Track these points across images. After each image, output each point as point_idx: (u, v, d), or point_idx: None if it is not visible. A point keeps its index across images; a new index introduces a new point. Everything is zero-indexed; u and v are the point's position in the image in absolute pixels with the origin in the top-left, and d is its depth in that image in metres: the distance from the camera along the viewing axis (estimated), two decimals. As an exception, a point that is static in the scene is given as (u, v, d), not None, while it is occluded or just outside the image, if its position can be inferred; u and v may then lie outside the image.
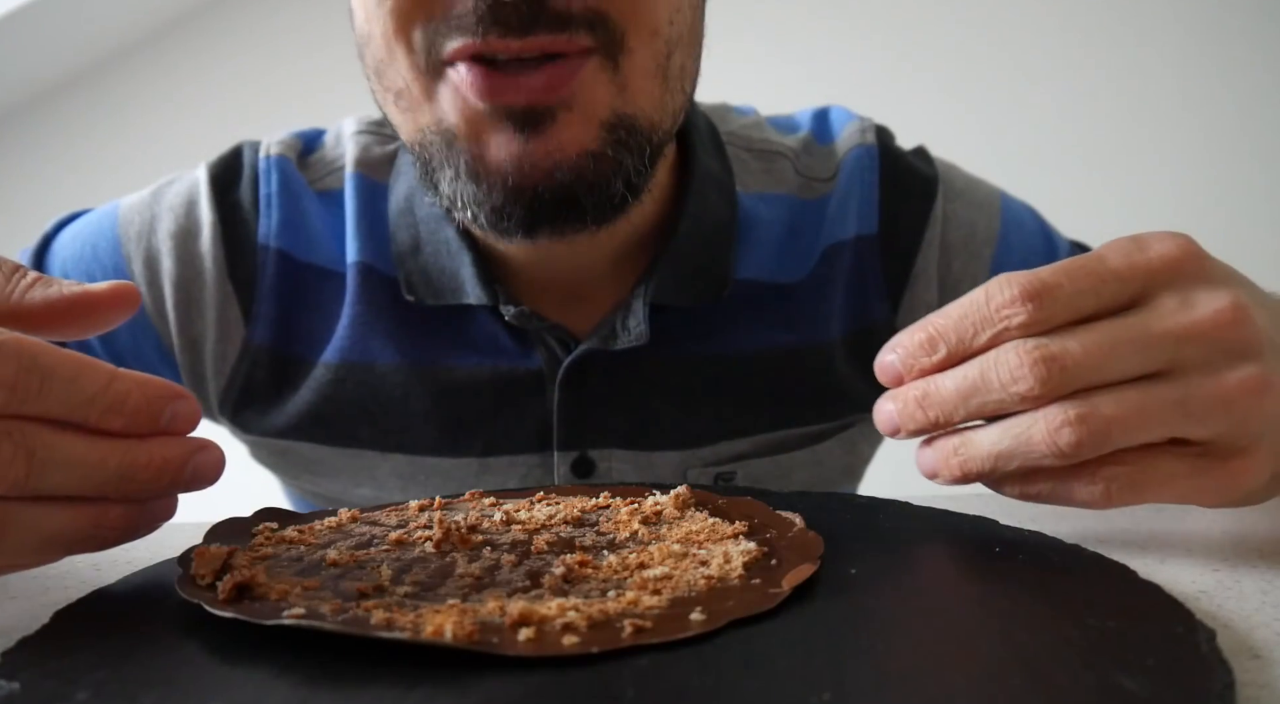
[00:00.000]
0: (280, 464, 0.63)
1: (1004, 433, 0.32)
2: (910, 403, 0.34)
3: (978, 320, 0.32)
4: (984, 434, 0.33)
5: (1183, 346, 0.31)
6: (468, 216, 0.48)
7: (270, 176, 0.59)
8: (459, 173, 0.47)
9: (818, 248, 0.60)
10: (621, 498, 0.40)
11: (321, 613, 0.27)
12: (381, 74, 0.48)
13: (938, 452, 0.34)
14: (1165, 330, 0.31)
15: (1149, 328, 0.31)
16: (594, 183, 0.46)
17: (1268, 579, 0.33)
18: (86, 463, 0.29)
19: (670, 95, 0.49)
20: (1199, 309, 0.31)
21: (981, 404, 0.32)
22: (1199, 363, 0.31)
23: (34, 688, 0.25)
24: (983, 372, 0.32)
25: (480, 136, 0.46)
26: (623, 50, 0.45)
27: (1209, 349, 0.31)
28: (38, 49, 1.95)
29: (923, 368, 0.34)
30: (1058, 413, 0.31)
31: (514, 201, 0.46)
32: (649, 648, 0.25)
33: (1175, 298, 0.32)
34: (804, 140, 0.63)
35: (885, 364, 0.35)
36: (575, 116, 0.45)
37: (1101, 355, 0.31)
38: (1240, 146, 1.84)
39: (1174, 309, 0.32)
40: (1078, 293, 0.32)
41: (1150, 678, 0.23)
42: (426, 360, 0.58)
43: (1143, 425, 0.31)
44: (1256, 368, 0.31)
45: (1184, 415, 0.31)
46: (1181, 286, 0.32)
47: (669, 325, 0.56)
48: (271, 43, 2.09)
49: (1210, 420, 0.32)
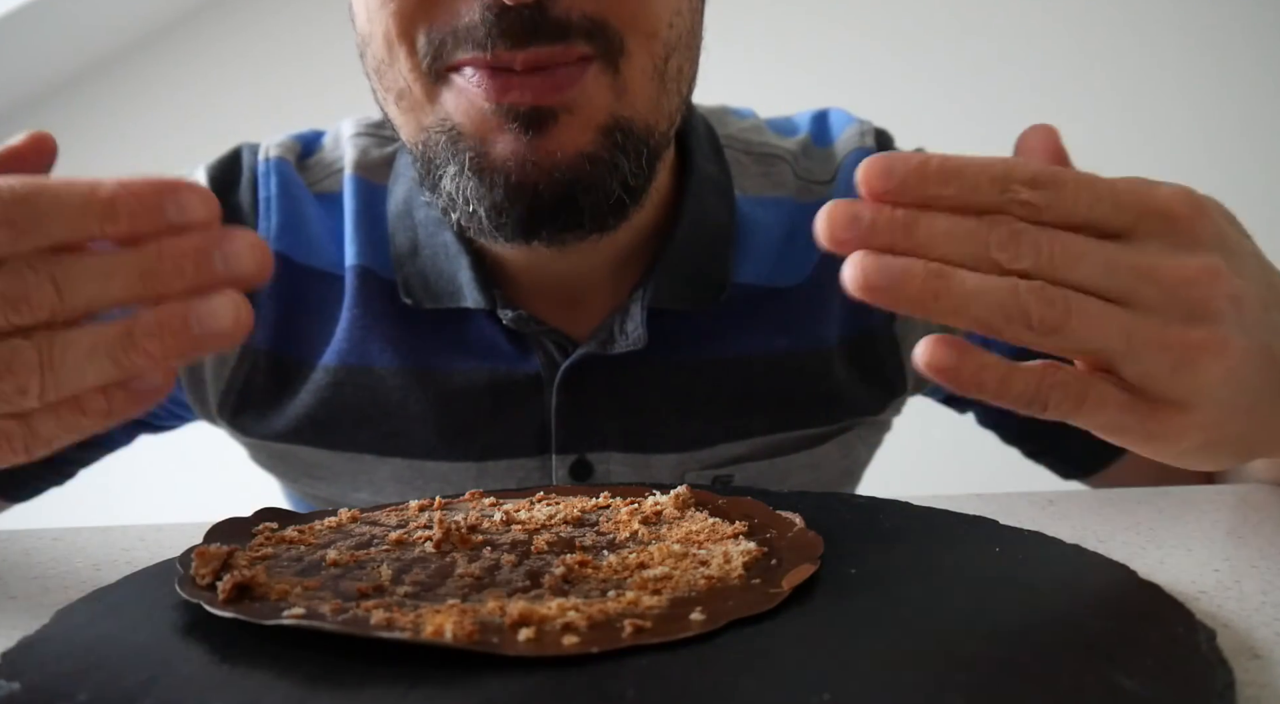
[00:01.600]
0: (279, 467, 0.63)
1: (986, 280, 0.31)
2: (894, 220, 0.31)
3: (991, 178, 0.31)
4: (967, 274, 0.31)
5: (1143, 285, 0.32)
6: (468, 213, 0.48)
7: (269, 179, 0.59)
8: (462, 169, 0.47)
9: (816, 252, 0.60)
10: (621, 498, 0.40)
11: (321, 613, 0.27)
12: (382, 74, 0.48)
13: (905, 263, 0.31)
14: (1132, 264, 0.32)
15: (1119, 256, 0.32)
16: (591, 185, 0.47)
17: (1268, 579, 0.33)
18: (106, 269, 0.28)
19: (667, 97, 0.49)
20: (1173, 259, 0.32)
21: (964, 254, 0.31)
22: (1153, 305, 0.32)
23: (34, 688, 0.25)
24: (979, 227, 0.31)
25: (486, 136, 0.46)
26: (622, 54, 0.46)
27: (1166, 297, 0.32)
28: (38, 49, 1.95)
29: (922, 191, 0.31)
30: (1037, 287, 0.31)
31: (514, 199, 0.47)
32: (649, 648, 0.25)
33: (1158, 243, 0.32)
34: (803, 143, 0.63)
35: (881, 168, 0.31)
36: (575, 119, 0.46)
37: (1074, 260, 0.31)
38: (1240, 146, 1.84)
39: (1151, 250, 0.32)
40: (1077, 200, 0.32)
41: (1150, 678, 0.23)
42: (424, 364, 0.57)
43: (1090, 333, 0.31)
44: (1214, 331, 0.32)
45: (1124, 343, 0.32)
46: (1171, 237, 0.32)
47: (667, 329, 0.56)
48: (271, 43, 2.09)
49: (1148, 360, 0.32)
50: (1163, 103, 1.87)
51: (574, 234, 0.49)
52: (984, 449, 0.74)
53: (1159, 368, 0.32)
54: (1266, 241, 0.36)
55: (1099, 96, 1.89)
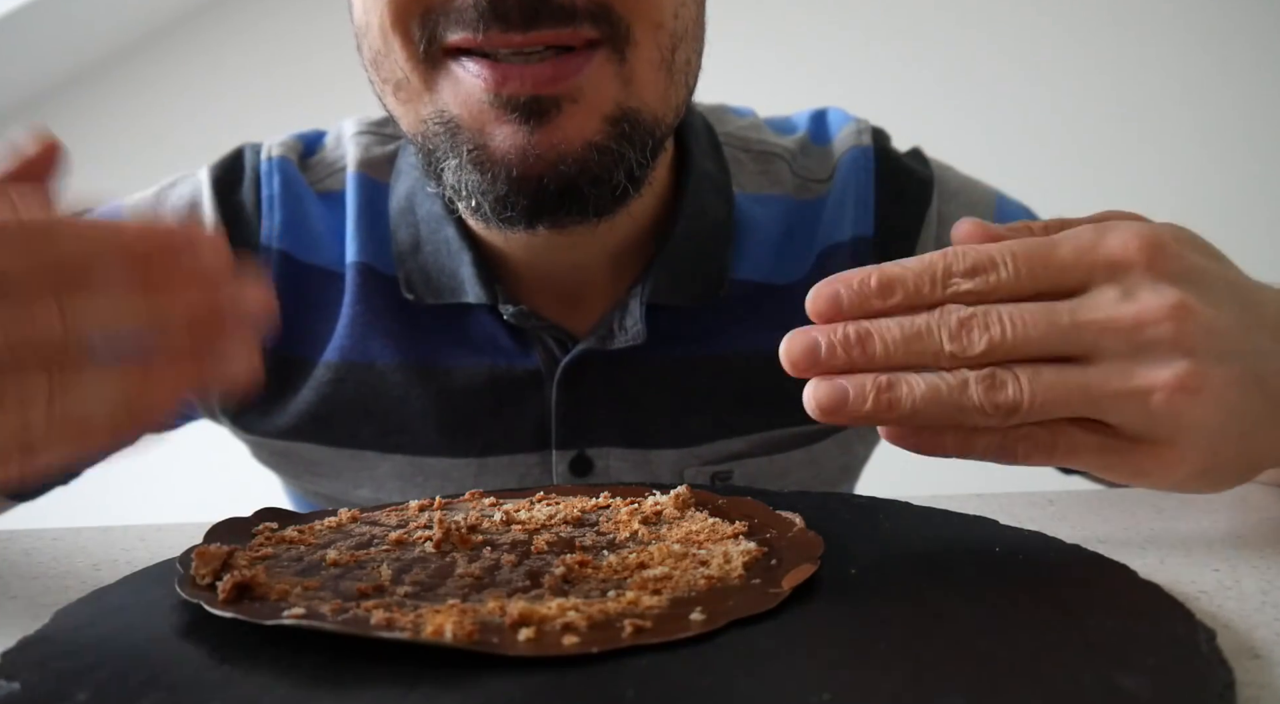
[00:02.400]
0: (281, 464, 0.63)
1: (935, 382, 0.33)
2: (848, 339, 0.33)
3: (932, 279, 0.33)
4: (915, 379, 0.33)
5: (1102, 337, 0.32)
6: (471, 206, 0.48)
7: (272, 178, 0.59)
8: (462, 162, 0.47)
9: (814, 249, 0.60)
10: (621, 498, 0.40)
11: (321, 613, 0.27)
12: (379, 66, 0.48)
13: (857, 384, 0.33)
14: (1089, 321, 0.32)
15: (1074, 316, 0.32)
16: (597, 175, 0.47)
17: (1268, 579, 0.33)
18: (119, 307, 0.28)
19: (674, 89, 0.49)
20: (1133, 304, 0.32)
21: (919, 354, 0.33)
22: (1115, 355, 0.32)
23: (34, 688, 0.25)
24: (928, 325, 0.33)
25: (485, 127, 0.46)
26: (629, 43, 0.46)
27: (1129, 343, 0.32)
28: (38, 49, 1.95)
29: (869, 309, 0.34)
30: (985, 376, 0.32)
31: (518, 192, 0.46)
32: (649, 648, 0.25)
33: (1116, 290, 0.33)
34: (800, 141, 0.63)
35: (827, 295, 0.34)
36: (580, 108, 0.46)
37: (1025, 332, 0.32)
38: (1240, 147, 1.84)
39: (1109, 301, 0.33)
40: (1019, 275, 0.33)
41: (1150, 678, 0.23)
42: (426, 360, 0.58)
43: (1050, 402, 0.32)
44: (1185, 367, 0.32)
45: (1088, 401, 0.32)
46: (1129, 280, 0.33)
47: (666, 325, 0.56)
48: (271, 43, 2.09)
49: (1117, 410, 0.33)
50: (1162, 102, 1.87)
51: (577, 220, 0.49)
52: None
53: (1132, 415, 0.33)
54: (1266, 241, 0.36)
55: (1099, 96, 1.89)
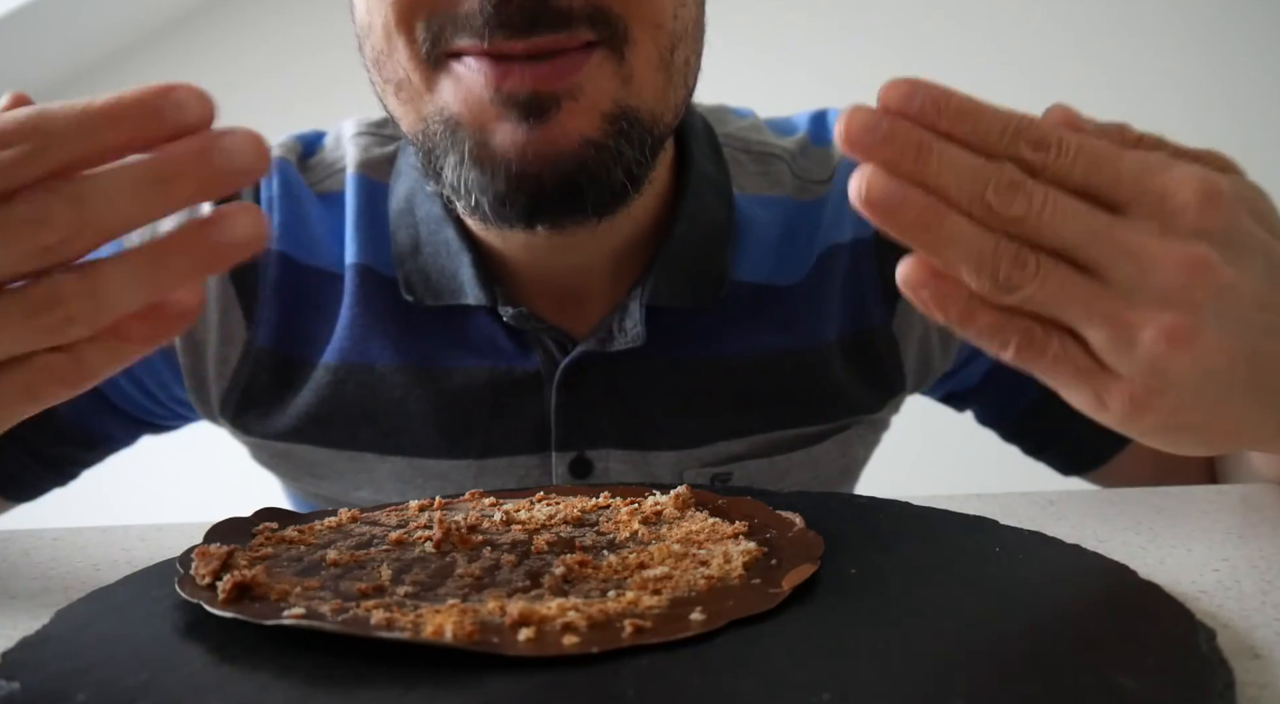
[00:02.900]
0: (281, 466, 0.63)
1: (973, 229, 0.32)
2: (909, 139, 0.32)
3: (1002, 130, 0.33)
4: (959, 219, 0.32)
5: (1121, 259, 0.32)
6: (470, 204, 0.48)
7: (270, 179, 0.59)
8: (463, 159, 0.47)
9: (814, 250, 0.60)
10: (621, 498, 0.40)
11: (321, 613, 0.27)
12: (381, 65, 0.48)
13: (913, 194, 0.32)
14: (1116, 238, 0.32)
15: (1107, 228, 0.32)
16: (595, 172, 0.47)
17: (1268, 579, 0.33)
18: (117, 181, 0.29)
19: (674, 88, 0.49)
20: (1161, 244, 0.32)
21: (964, 189, 0.32)
22: (1127, 283, 0.32)
23: (34, 688, 0.25)
24: (984, 169, 0.32)
25: (485, 125, 0.46)
26: (627, 42, 0.46)
27: (1141, 278, 0.32)
28: (38, 49, 1.95)
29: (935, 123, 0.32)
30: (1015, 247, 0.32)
31: (517, 189, 0.46)
32: (649, 648, 0.25)
33: (1154, 224, 0.32)
34: (800, 142, 0.63)
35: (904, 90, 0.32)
36: (579, 106, 0.46)
37: (1063, 222, 0.32)
38: (1241, 147, 1.84)
39: (1142, 231, 0.32)
40: (1075, 167, 0.33)
41: (1150, 678, 0.23)
42: (425, 361, 0.58)
43: (1054, 297, 0.32)
44: (1181, 318, 0.32)
45: (1086, 313, 0.32)
46: (1170, 220, 0.32)
47: (666, 327, 0.56)
48: (272, 43, 2.09)
49: (1107, 333, 0.32)
50: (1162, 102, 1.87)
51: (576, 220, 0.49)
52: (984, 449, 0.74)
53: (1115, 343, 0.32)
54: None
55: (1098, 96, 1.89)
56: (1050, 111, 0.35)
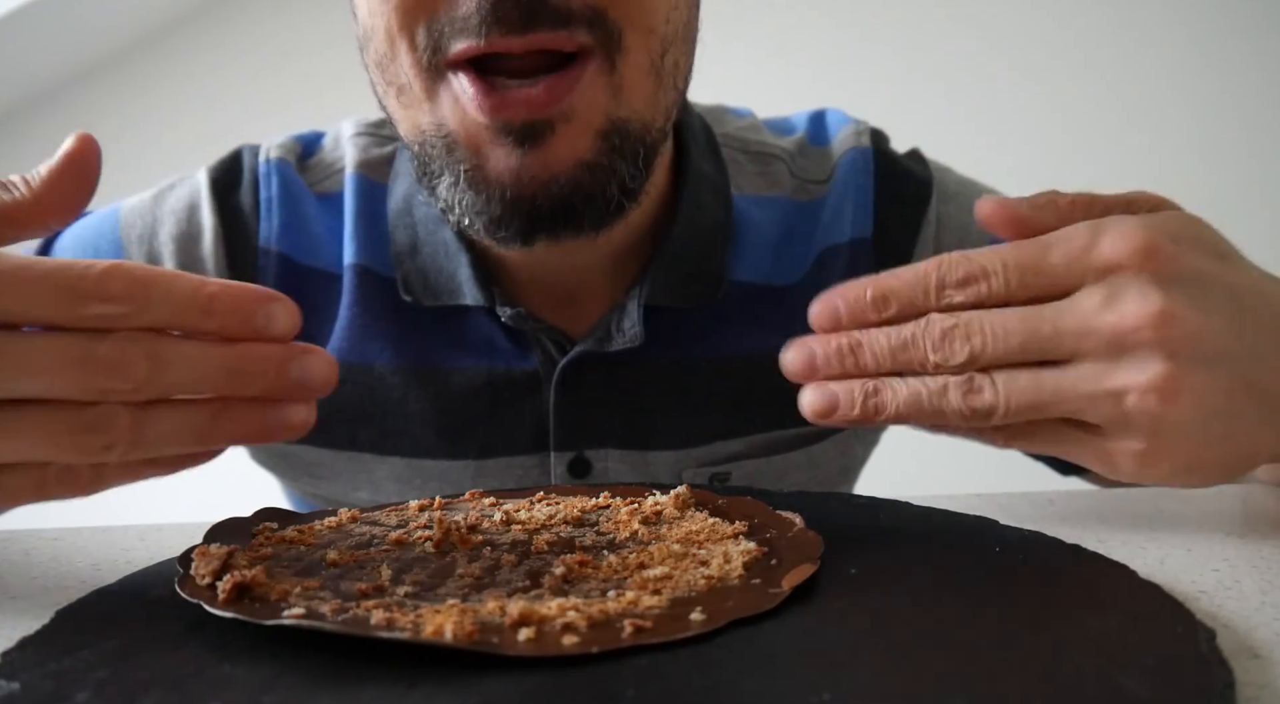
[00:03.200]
0: (279, 466, 0.63)
1: (917, 388, 0.36)
2: (841, 350, 0.37)
3: (925, 290, 0.36)
4: (899, 385, 0.36)
5: (1082, 342, 0.34)
6: (464, 224, 0.49)
7: (270, 180, 0.59)
8: (458, 181, 0.47)
9: (813, 250, 0.60)
10: (621, 498, 0.40)
11: (321, 613, 0.27)
12: (384, 69, 0.48)
13: (846, 390, 0.37)
14: (1070, 327, 0.34)
15: (1056, 323, 0.34)
16: (590, 192, 0.47)
17: (1268, 579, 0.33)
18: (197, 358, 0.31)
19: (664, 93, 0.49)
20: (1115, 310, 0.33)
21: (905, 362, 0.36)
22: (1094, 358, 0.34)
23: (34, 688, 0.25)
24: (914, 335, 0.35)
25: (480, 149, 0.47)
26: (620, 50, 0.46)
27: (1107, 348, 0.33)
28: (38, 49, 1.95)
29: (865, 321, 0.37)
30: (964, 382, 0.35)
31: (512, 213, 0.47)
32: (649, 648, 0.25)
33: (1101, 293, 0.34)
34: (799, 142, 0.63)
35: (827, 309, 0.37)
36: (572, 128, 0.46)
37: (1006, 342, 0.34)
38: (1240, 147, 1.84)
39: (1093, 306, 0.34)
40: (1009, 285, 0.35)
41: (1150, 678, 0.23)
42: (423, 361, 0.58)
43: (1025, 406, 0.35)
44: (1161, 370, 0.33)
45: (1061, 403, 0.34)
46: (1116, 283, 0.34)
47: (664, 327, 0.56)
48: (272, 43, 2.09)
49: (1094, 410, 0.34)
50: (1162, 102, 1.87)
51: (572, 236, 0.49)
52: (984, 449, 0.73)
53: (1108, 415, 0.34)
54: (1266, 242, 0.36)
55: (1098, 96, 1.89)
56: (981, 210, 0.38)
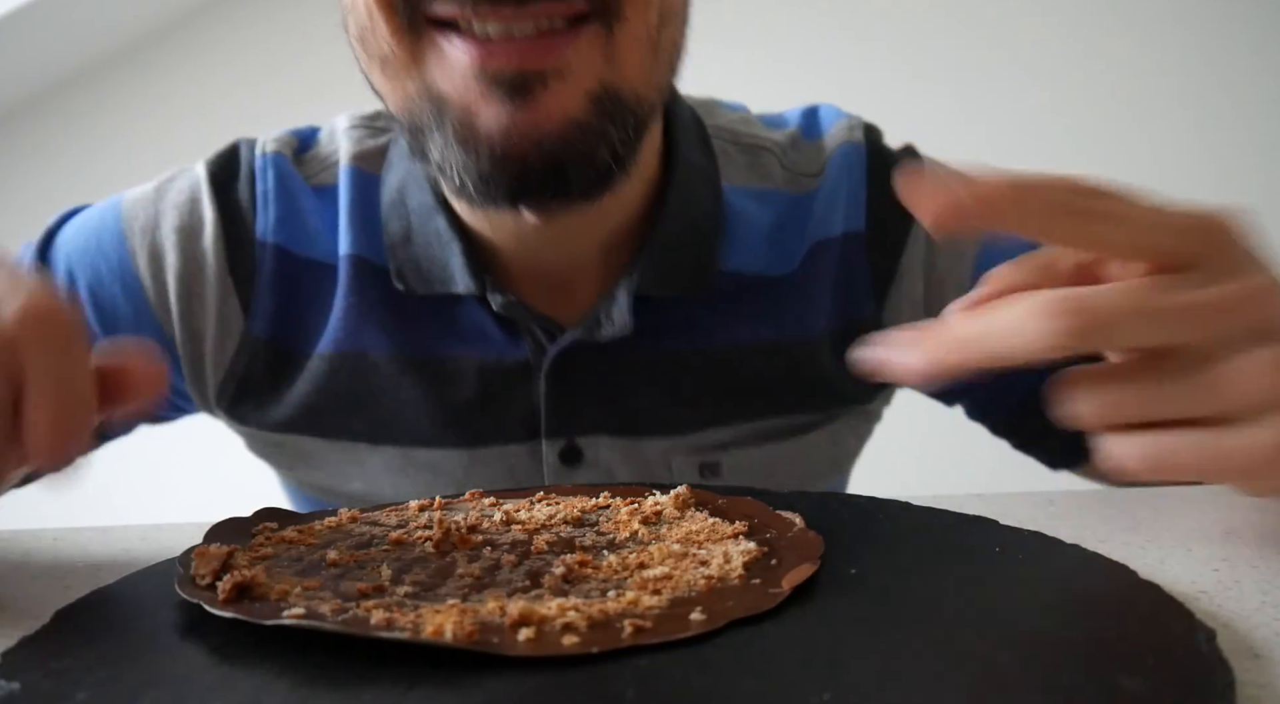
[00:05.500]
0: (275, 455, 0.63)
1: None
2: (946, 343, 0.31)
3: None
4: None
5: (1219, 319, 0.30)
6: (456, 184, 0.48)
7: (267, 174, 0.60)
8: (448, 140, 0.47)
9: (804, 243, 0.60)
10: (621, 498, 0.40)
11: (321, 613, 0.27)
12: (365, 42, 0.48)
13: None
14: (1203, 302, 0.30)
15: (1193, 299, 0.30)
16: (580, 152, 0.46)
17: (1268, 579, 0.33)
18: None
19: (659, 68, 0.49)
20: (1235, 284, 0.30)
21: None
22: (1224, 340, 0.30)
23: (34, 688, 0.25)
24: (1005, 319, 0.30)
25: (470, 105, 0.46)
26: (618, 18, 0.45)
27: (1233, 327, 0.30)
28: (38, 49, 1.95)
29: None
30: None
31: (501, 170, 0.46)
32: (649, 648, 0.25)
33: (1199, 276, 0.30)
34: (791, 136, 0.63)
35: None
36: (564, 86, 0.45)
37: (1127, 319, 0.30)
38: (1240, 147, 1.84)
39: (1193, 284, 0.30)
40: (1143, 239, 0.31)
41: (1150, 678, 0.23)
42: (417, 350, 0.58)
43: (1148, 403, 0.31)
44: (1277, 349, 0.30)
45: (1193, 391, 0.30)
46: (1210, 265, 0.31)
47: (653, 316, 0.57)
48: (271, 43, 2.09)
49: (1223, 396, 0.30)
50: (1162, 101, 1.87)
51: (561, 201, 0.48)
52: (984, 449, 0.74)
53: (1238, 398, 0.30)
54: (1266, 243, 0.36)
55: (1097, 95, 1.89)
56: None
